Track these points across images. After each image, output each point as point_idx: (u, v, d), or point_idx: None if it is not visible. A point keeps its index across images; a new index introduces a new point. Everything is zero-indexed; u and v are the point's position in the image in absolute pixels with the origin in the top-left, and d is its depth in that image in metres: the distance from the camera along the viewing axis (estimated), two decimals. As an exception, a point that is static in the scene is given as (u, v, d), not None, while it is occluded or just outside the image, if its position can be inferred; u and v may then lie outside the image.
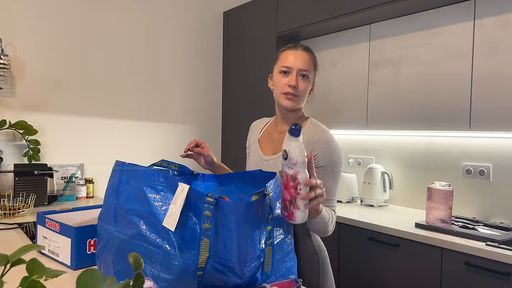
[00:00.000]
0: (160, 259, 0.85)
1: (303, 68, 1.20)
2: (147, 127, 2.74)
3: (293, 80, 1.19)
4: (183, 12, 2.90)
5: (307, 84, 1.22)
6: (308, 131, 1.22)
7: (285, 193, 0.94)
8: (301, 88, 1.20)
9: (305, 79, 1.21)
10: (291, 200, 0.93)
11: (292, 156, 0.91)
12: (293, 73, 1.20)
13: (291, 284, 0.94)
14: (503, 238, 1.56)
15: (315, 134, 1.20)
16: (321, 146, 1.17)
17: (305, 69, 1.20)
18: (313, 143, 1.18)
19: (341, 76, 2.41)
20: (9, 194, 1.98)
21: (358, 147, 2.56)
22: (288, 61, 1.21)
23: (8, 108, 2.17)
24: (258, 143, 1.34)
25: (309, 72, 1.21)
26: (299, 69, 1.20)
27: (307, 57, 1.22)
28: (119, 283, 0.42)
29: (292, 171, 0.91)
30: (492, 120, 1.75)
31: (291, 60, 1.21)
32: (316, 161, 1.17)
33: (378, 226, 1.82)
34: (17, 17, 2.18)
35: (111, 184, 0.97)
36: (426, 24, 2.00)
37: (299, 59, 1.20)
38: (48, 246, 1.18)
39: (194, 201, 0.88)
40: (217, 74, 3.14)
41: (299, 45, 1.24)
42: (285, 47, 1.26)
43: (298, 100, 1.22)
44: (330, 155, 1.17)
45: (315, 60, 1.26)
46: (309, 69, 1.21)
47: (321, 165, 1.17)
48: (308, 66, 1.21)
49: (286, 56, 1.22)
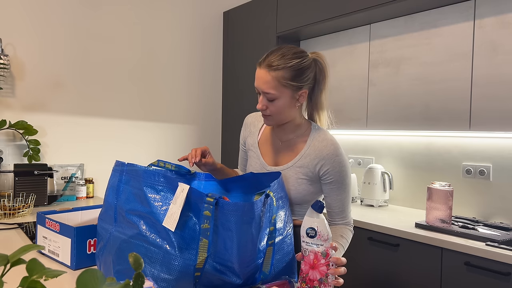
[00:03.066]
0: (160, 259, 0.85)
1: (265, 91, 1.10)
2: (147, 127, 2.74)
3: (260, 103, 1.13)
4: (183, 12, 2.90)
5: (276, 105, 1.11)
6: (314, 143, 1.17)
7: (312, 273, 0.90)
8: (269, 111, 1.13)
9: (273, 102, 1.11)
10: (321, 280, 0.89)
11: (323, 233, 0.89)
12: (260, 95, 1.13)
13: (285, 284, 0.94)
14: (503, 238, 1.56)
15: (323, 149, 1.16)
16: (331, 162, 1.14)
17: (267, 92, 1.09)
18: (322, 158, 1.15)
19: (341, 76, 2.41)
20: (9, 194, 1.98)
21: (358, 147, 2.56)
22: (255, 81, 1.13)
23: (8, 108, 2.17)
24: (258, 148, 1.28)
25: (274, 94, 1.09)
26: (263, 92, 1.11)
27: (267, 78, 1.08)
28: (119, 283, 0.42)
29: (322, 248, 0.90)
30: (492, 120, 1.75)
31: (256, 80, 1.12)
32: (327, 176, 1.16)
33: (378, 226, 1.82)
34: (17, 17, 2.18)
35: (111, 184, 0.97)
36: (426, 24, 2.00)
37: (260, 80, 1.10)
38: (48, 246, 1.18)
39: (194, 201, 0.88)
40: (217, 74, 3.14)
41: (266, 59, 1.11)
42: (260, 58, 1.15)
43: (274, 120, 1.16)
44: (340, 169, 1.15)
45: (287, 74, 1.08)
46: (272, 91, 1.09)
47: (332, 180, 1.16)
48: (270, 88, 1.09)
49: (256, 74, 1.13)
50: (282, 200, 1.07)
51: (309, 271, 0.90)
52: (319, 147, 1.16)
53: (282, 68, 1.08)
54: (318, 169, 1.16)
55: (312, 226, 0.90)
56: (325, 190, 1.19)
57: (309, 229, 0.91)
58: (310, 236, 0.90)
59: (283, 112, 1.14)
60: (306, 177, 1.17)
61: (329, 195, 1.19)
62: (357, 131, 2.44)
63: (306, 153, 1.17)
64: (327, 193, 1.19)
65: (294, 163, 1.18)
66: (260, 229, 0.91)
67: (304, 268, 0.91)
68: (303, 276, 0.91)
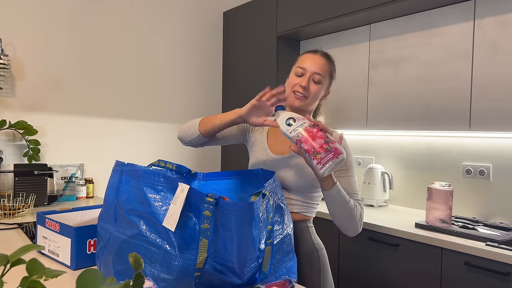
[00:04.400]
0: (160, 259, 0.85)
1: (317, 72, 1.21)
2: (147, 127, 2.74)
3: (305, 81, 1.21)
4: (183, 12, 2.90)
5: (319, 88, 1.23)
6: None
7: (316, 142, 0.96)
8: (311, 90, 1.22)
9: (317, 84, 1.22)
10: (326, 140, 0.96)
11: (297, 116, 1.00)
12: (306, 75, 1.22)
13: (285, 284, 0.94)
14: (503, 238, 1.56)
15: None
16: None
17: (319, 73, 1.22)
18: None
19: (341, 76, 2.41)
20: (9, 194, 1.98)
21: (358, 147, 2.56)
22: (304, 63, 1.23)
23: (8, 108, 2.17)
24: (266, 141, 1.32)
25: (323, 77, 1.23)
26: (313, 72, 1.22)
27: (324, 62, 1.24)
28: (119, 283, 0.42)
29: (307, 123, 0.99)
30: (492, 120, 1.75)
31: (307, 63, 1.23)
32: None
33: (378, 226, 1.82)
34: (17, 17, 2.18)
35: (111, 184, 0.97)
36: (426, 24, 2.00)
37: (315, 63, 1.22)
38: (48, 246, 1.18)
39: (194, 201, 0.87)
40: (217, 74, 3.14)
41: (320, 51, 1.27)
42: (306, 51, 1.30)
43: (307, 101, 1.23)
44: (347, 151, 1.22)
45: (332, 67, 1.27)
46: (324, 74, 1.23)
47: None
48: (322, 71, 1.22)
49: (304, 59, 1.25)
50: (280, 200, 1.07)
51: (313, 144, 0.96)
52: None
53: (332, 62, 1.28)
54: None
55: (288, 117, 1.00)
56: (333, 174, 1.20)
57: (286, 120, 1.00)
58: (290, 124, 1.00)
59: (317, 97, 1.25)
60: None
61: (338, 178, 1.20)
62: (357, 131, 2.44)
63: None
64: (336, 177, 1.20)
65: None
66: (260, 229, 0.91)
67: (308, 146, 0.97)
68: (313, 150, 0.96)
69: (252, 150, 1.36)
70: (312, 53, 1.26)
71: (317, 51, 1.27)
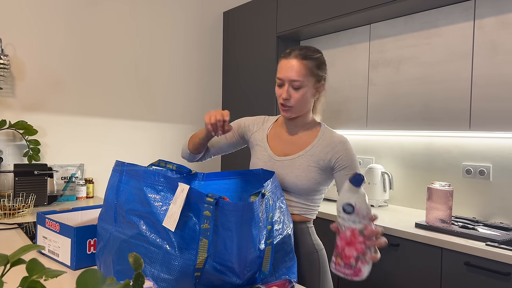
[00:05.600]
0: (160, 259, 0.85)
1: (293, 79, 1.18)
2: (147, 127, 2.74)
3: (285, 92, 1.19)
4: (183, 12, 2.90)
5: (301, 93, 1.19)
6: (324, 136, 1.25)
7: (348, 250, 0.85)
8: (293, 99, 1.19)
9: (298, 90, 1.19)
10: (358, 256, 0.85)
11: (361, 209, 0.84)
12: (285, 85, 1.20)
13: (285, 284, 0.94)
14: (503, 238, 1.56)
15: (334, 139, 1.23)
16: (343, 149, 1.21)
17: (296, 80, 1.18)
18: (334, 146, 1.22)
19: (341, 76, 2.41)
20: (9, 194, 1.98)
21: (358, 147, 2.56)
22: (280, 72, 1.20)
23: (8, 108, 2.17)
24: (267, 142, 1.32)
25: (302, 82, 1.18)
26: (290, 81, 1.18)
27: (299, 65, 1.18)
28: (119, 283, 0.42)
29: (361, 225, 0.85)
30: (492, 120, 1.75)
31: (283, 72, 1.20)
32: (340, 162, 1.20)
33: (378, 226, 1.82)
34: (17, 17, 2.18)
35: (111, 184, 0.97)
36: (426, 24, 2.00)
37: (289, 70, 1.18)
38: (48, 246, 1.18)
39: (194, 201, 0.87)
40: (217, 74, 3.14)
41: (293, 52, 1.20)
42: (282, 53, 1.24)
43: (294, 110, 1.22)
44: (352, 155, 1.22)
45: (312, 64, 1.19)
46: (301, 78, 1.18)
47: (346, 166, 1.20)
48: (299, 76, 1.18)
49: (280, 67, 1.21)
50: (280, 200, 1.07)
51: (345, 248, 0.86)
52: (330, 138, 1.24)
53: (310, 58, 1.20)
54: (330, 157, 1.21)
55: (350, 202, 0.84)
56: (339, 178, 1.21)
57: (346, 205, 0.84)
58: (347, 212, 0.85)
59: (304, 101, 1.21)
60: (317, 165, 1.21)
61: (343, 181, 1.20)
62: (357, 131, 2.44)
63: (318, 143, 1.24)
64: (342, 182, 1.20)
65: (305, 152, 1.24)
66: (260, 229, 0.91)
67: (340, 243, 0.87)
68: (339, 251, 0.87)
69: (253, 150, 1.36)
70: (286, 58, 1.21)
71: (290, 53, 1.20)
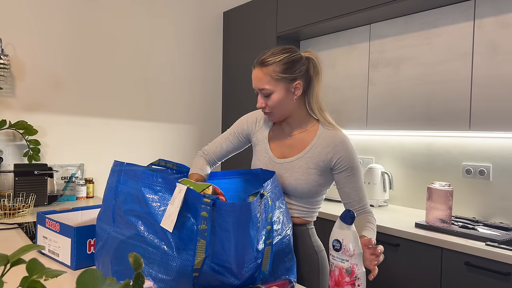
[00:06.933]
0: (158, 260, 0.85)
1: (260, 88, 1.18)
2: (147, 127, 2.74)
3: (258, 102, 1.20)
4: (183, 12, 2.90)
5: (273, 100, 1.17)
6: (324, 135, 1.21)
7: None
8: (268, 107, 1.20)
9: (269, 97, 1.18)
10: None
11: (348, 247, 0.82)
12: (259, 94, 1.21)
13: (285, 285, 0.94)
14: (503, 238, 1.56)
15: (334, 139, 1.20)
16: (343, 149, 1.18)
17: (262, 88, 1.17)
18: (335, 146, 1.18)
19: (341, 76, 2.41)
20: (9, 194, 1.98)
21: (358, 147, 2.56)
22: (252, 82, 1.21)
23: (8, 108, 2.17)
24: (268, 143, 1.30)
25: (269, 89, 1.16)
26: (259, 89, 1.19)
27: (260, 74, 1.17)
28: (119, 283, 0.42)
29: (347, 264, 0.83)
30: (492, 120, 1.75)
31: (253, 81, 1.21)
32: (341, 164, 1.18)
33: (378, 226, 1.82)
34: (17, 17, 2.18)
35: (109, 185, 0.97)
36: (426, 24, 2.00)
37: (255, 80, 1.19)
38: (48, 246, 1.18)
39: (192, 201, 0.87)
40: (217, 74, 3.14)
41: (257, 60, 1.20)
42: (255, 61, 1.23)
43: (276, 115, 1.22)
44: (353, 156, 1.19)
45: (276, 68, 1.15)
46: (267, 86, 1.16)
47: (347, 167, 1.18)
48: (263, 84, 1.17)
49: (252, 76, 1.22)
50: (279, 201, 1.07)
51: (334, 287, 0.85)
52: (330, 137, 1.20)
53: (272, 63, 1.16)
54: (331, 158, 1.18)
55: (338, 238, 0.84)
56: (340, 179, 1.19)
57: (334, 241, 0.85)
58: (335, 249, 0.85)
59: (281, 105, 1.19)
60: (316, 167, 1.19)
61: (345, 184, 1.19)
62: (357, 131, 2.44)
63: (317, 143, 1.20)
64: (343, 183, 1.19)
65: (304, 154, 1.21)
66: (258, 230, 0.91)
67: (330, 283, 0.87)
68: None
69: (255, 150, 1.35)
70: (253, 67, 1.21)
71: (256, 63, 1.20)
